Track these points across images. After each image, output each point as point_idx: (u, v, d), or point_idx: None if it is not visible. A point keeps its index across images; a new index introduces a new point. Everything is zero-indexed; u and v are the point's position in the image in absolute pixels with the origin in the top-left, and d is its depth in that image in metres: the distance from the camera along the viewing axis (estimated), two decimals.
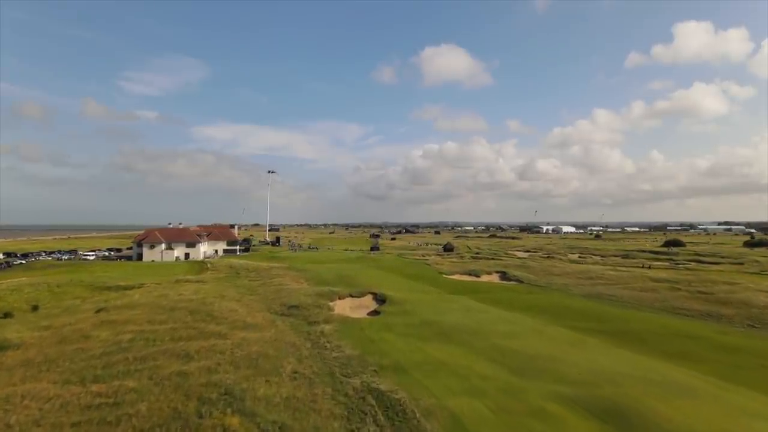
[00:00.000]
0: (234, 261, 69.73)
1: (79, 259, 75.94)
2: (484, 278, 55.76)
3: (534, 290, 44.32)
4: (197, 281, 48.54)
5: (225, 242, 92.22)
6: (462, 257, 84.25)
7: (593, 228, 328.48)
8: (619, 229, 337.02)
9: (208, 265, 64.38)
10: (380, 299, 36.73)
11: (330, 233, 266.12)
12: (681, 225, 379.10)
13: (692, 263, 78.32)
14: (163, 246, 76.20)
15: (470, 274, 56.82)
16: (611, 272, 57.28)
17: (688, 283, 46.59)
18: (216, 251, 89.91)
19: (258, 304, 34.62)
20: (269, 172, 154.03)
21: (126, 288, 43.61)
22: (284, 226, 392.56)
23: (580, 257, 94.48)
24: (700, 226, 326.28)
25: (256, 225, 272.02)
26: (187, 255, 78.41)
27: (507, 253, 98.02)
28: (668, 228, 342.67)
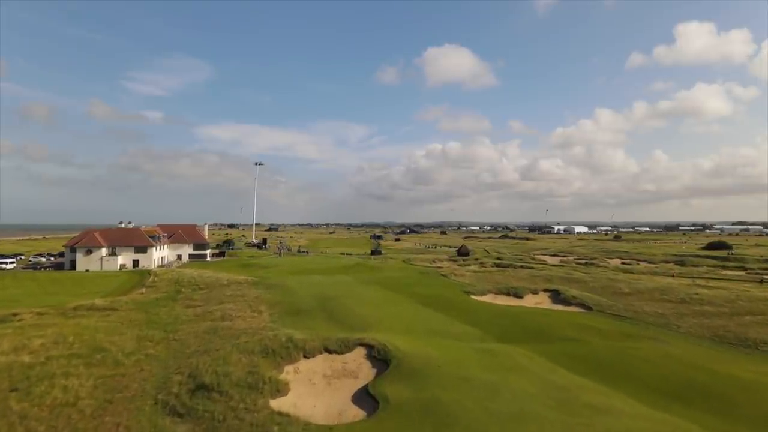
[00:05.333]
0: (188, 272, 53.19)
1: None
2: (529, 299, 39.20)
3: (627, 329, 27.68)
4: (104, 309, 32.13)
5: (191, 246, 75.23)
6: (483, 264, 67.54)
7: (603, 228, 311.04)
8: (631, 229, 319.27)
9: (150, 278, 47.96)
10: (380, 358, 20.18)
11: (330, 233, 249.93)
12: (693, 225, 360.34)
13: None
14: (104, 251, 59.52)
15: (509, 294, 40.20)
16: (705, 291, 40.37)
17: None
18: (179, 256, 73.23)
19: (147, 371, 18.17)
20: (256, 164, 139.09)
21: None
22: (285, 226, 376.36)
23: (624, 264, 77.54)
24: (715, 227, 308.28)
25: (257, 225, 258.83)
26: (136, 262, 61.75)
27: (534, 259, 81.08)
28: (680, 228, 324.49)
